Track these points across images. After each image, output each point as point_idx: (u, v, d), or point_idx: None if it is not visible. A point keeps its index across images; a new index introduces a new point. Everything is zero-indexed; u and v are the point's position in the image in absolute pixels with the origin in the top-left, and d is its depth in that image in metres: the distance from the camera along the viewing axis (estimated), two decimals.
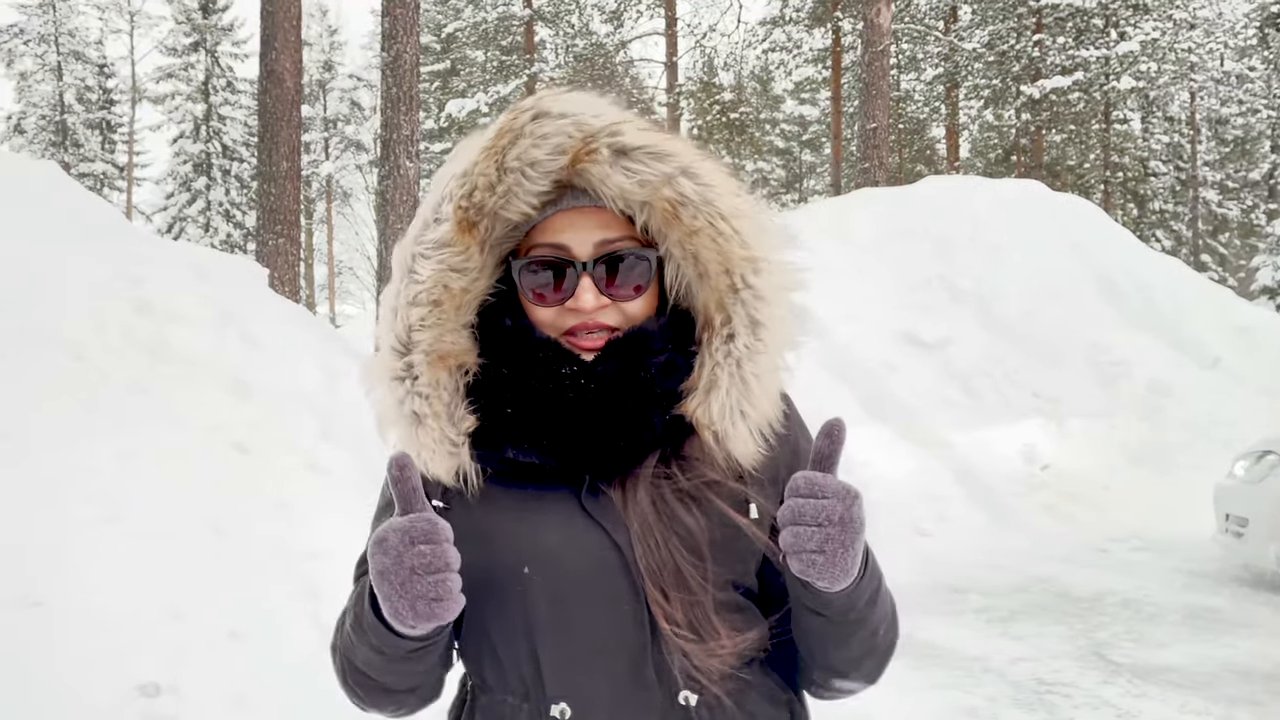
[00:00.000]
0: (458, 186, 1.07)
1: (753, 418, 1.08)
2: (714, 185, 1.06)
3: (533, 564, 1.07)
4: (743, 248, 1.06)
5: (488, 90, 25.06)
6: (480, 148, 1.07)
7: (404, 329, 1.08)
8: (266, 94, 8.16)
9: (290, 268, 8.11)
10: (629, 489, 1.08)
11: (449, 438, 1.07)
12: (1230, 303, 11.51)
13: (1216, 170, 32.45)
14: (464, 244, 1.06)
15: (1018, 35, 24.46)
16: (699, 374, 1.08)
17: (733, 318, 1.07)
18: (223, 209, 37.39)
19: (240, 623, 4.24)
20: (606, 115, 1.06)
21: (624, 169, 1.04)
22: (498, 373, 1.09)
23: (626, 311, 1.09)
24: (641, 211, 1.06)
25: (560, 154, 1.03)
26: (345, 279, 48.35)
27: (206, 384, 5.52)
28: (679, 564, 1.05)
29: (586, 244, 1.07)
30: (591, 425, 1.06)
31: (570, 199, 1.06)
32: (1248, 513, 5.87)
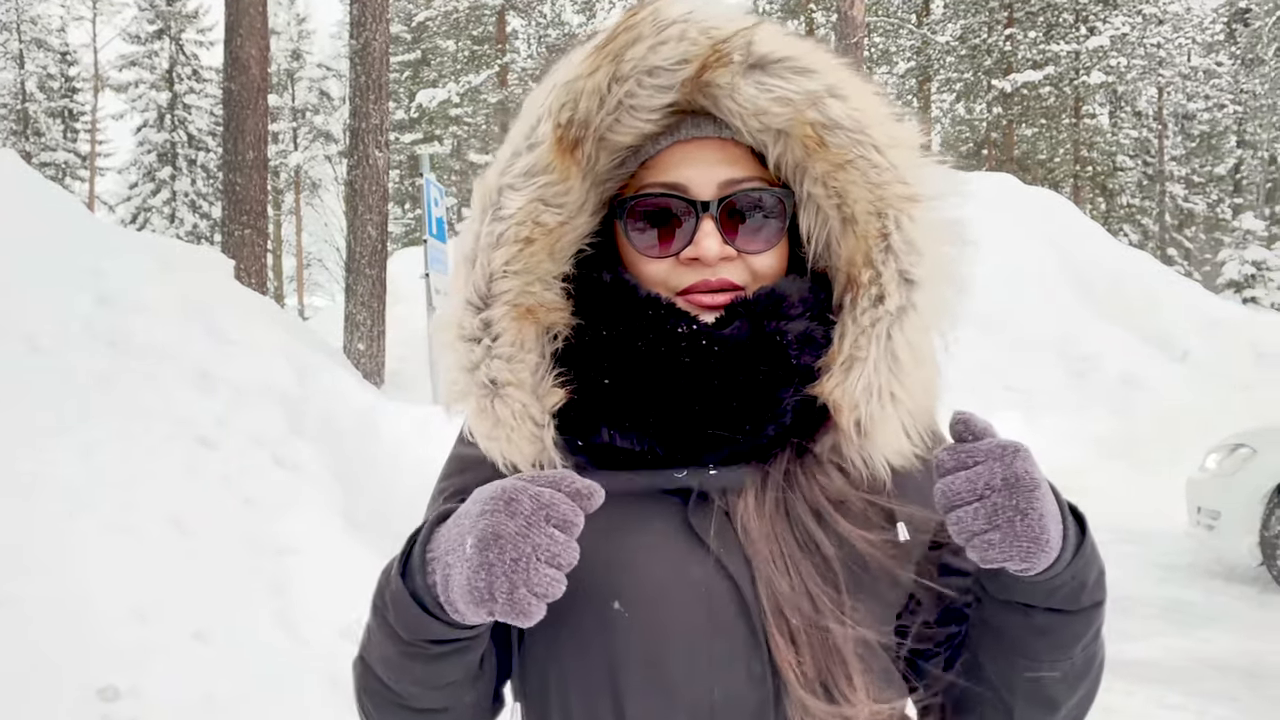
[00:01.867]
0: (559, 97, 0.85)
1: (904, 403, 0.86)
2: (865, 109, 0.85)
3: (625, 598, 0.85)
4: (901, 184, 0.85)
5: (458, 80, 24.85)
6: (589, 49, 0.86)
7: (483, 278, 0.87)
8: (232, 81, 7.99)
9: (257, 259, 7.96)
10: (748, 499, 0.86)
11: (531, 415, 0.86)
12: (1199, 296, 11.62)
13: (1183, 165, 32.81)
14: (563, 168, 0.85)
15: (989, 29, 24.60)
16: (839, 346, 0.87)
17: (882, 273, 0.85)
18: (188, 199, 36.88)
19: (205, 622, 4.13)
20: (739, 19, 0.85)
21: (759, 84, 0.84)
22: (595, 336, 0.87)
23: (754, 267, 0.89)
24: (775, 144, 0.86)
25: (684, 61, 0.83)
26: (314, 270, 47.91)
27: (171, 377, 5.40)
28: (813, 600, 0.83)
29: (709, 182, 0.87)
30: (710, 401, 0.84)
31: (690, 127, 0.87)
32: (1220, 506, 5.89)
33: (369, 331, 6.99)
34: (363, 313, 6.96)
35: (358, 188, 6.97)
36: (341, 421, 5.66)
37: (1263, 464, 5.72)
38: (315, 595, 4.55)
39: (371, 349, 7.00)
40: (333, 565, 4.80)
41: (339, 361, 6.81)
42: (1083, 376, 9.63)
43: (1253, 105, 29.49)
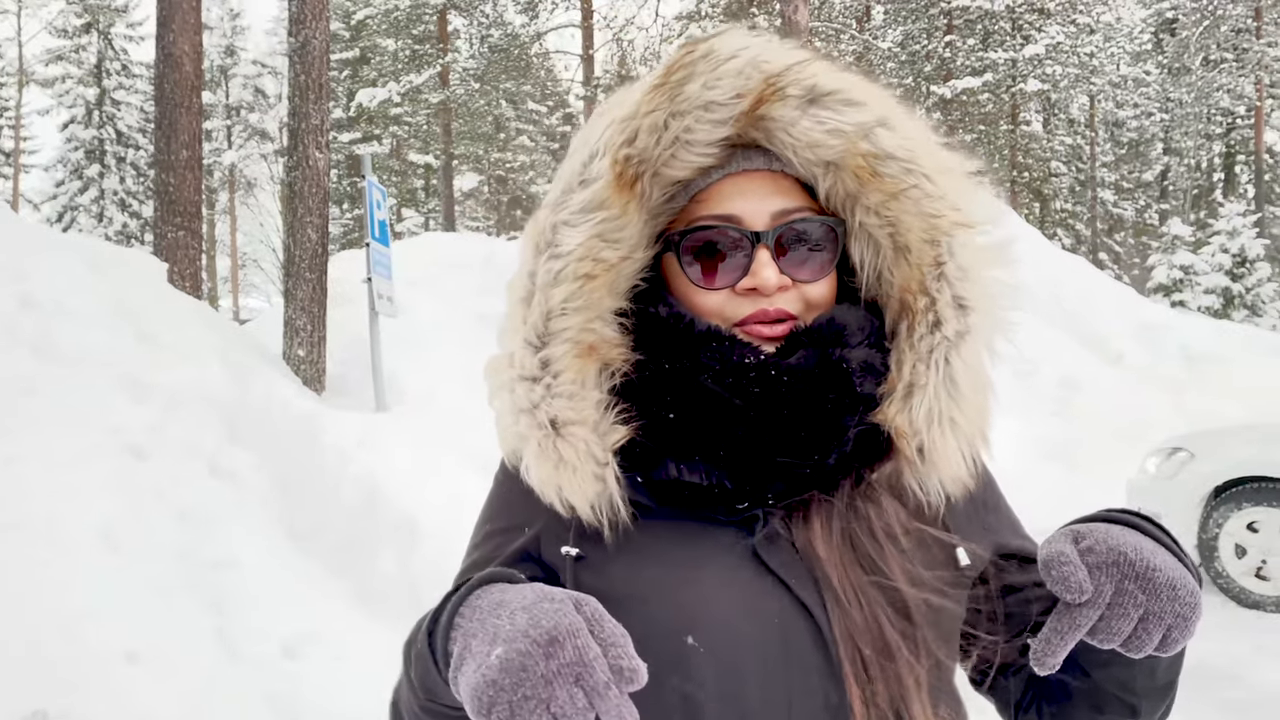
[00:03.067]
0: (618, 132, 0.86)
1: (963, 428, 0.87)
2: (915, 138, 0.87)
3: (698, 632, 0.83)
4: (953, 210, 0.87)
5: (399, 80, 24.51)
6: (646, 87, 0.87)
7: (541, 317, 0.86)
8: (164, 79, 7.74)
9: (191, 261, 7.72)
10: (814, 529, 0.86)
11: (594, 455, 0.85)
12: (1132, 300, 11.88)
13: (1112, 171, 33.66)
14: (621, 204, 0.86)
15: (929, 36, 24.96)
16: (898, 373, 0.88)
17: (937, 300, 0.86)
18: (117, 198, 35.92)
19: (138, 642, 3.97)
20: (790, 54, 0.87)
21: (814, 116, 0.85)
22: (656, 371, 0.87)
23: (808, 296, 0.89)
24: (826, 176, 0.88)
25: (739, 96, 0.85)
26: (249, 271, 47.05)
27: (100, 385, 5.19)
28: (884, 630, 0.83)
29: (763, 213, 0.88)
30: (778, 433, 0.84)
31: (742, 160, 0.88)
32: (1159, 508, 5.98)
33: (309, 337, 6.81)
34: (302, 318, 6.78)
35: (297, 189, 6.79)
36: (281, 430, 5.50)
37: (1200, 468, 5.84)
38: (255, 611, 4.40)
39: (312, 355, 6.83)
40: (273, 579, 4.65)
41: (277, 368, 6.63)
42: (1024, 379, 9.78)
43: (1179, 113, 30.35)
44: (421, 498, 5.21)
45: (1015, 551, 0.98)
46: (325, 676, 4.25)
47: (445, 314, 8.34)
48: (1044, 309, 10.69)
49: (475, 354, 5.22)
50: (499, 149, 32.43)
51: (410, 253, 9.42)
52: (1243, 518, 5.64)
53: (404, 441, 5.81)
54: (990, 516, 0.98)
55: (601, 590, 0.83)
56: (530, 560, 0.93)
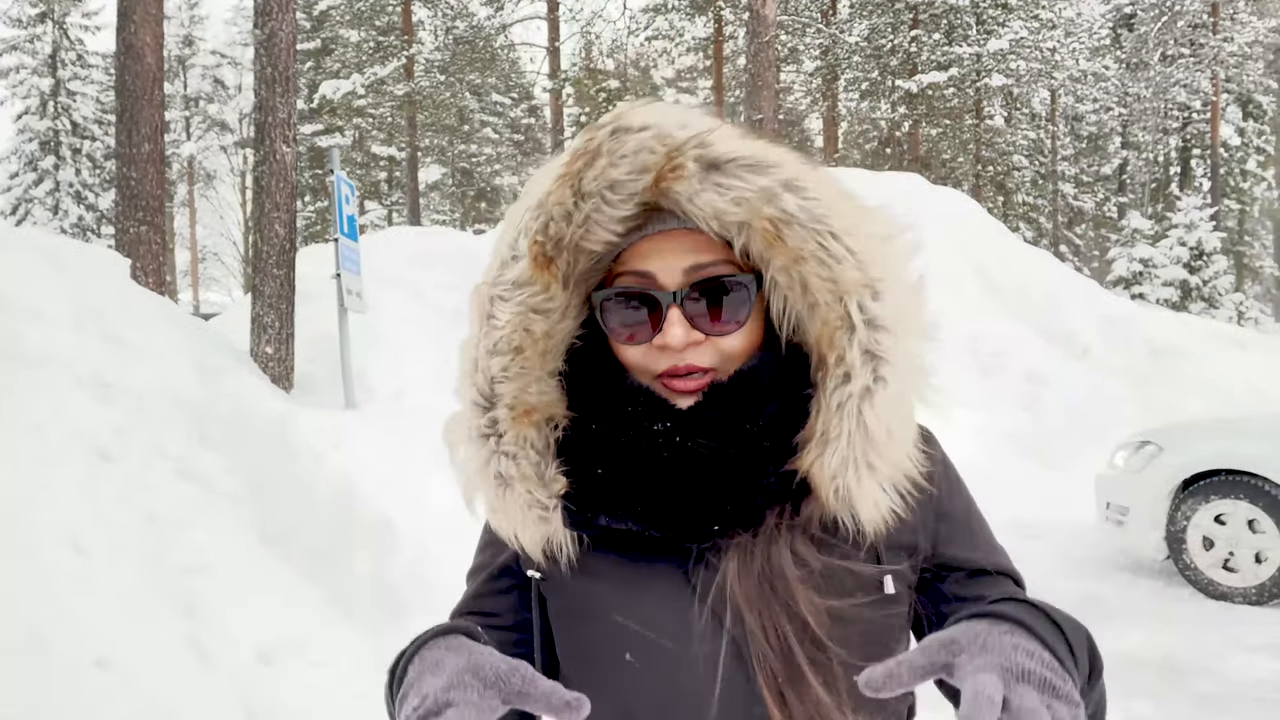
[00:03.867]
0: (532, 218, 0.93)
1: (882, 470, 0.91)
2: (822, 198, 0.89)
3: (634, 650, 0.94)
4: (858, 269, 0.89)
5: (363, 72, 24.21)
6: (555, 175, 0.93)
7: (485, 381, 0.95)
8: (125, 71, 7.58)
9: (154, 258, 7.58)
10: (742, 561, 0.92)
11: (539, 501, 0.95)
12: (1096, 294, 12.02)
13: (1072, 164, 34.05)
14: (543, 281, 0.93)
15: (894, 30, 25.08)
16: (814, 422, 0.91)
17: (846, 354, 0.89)
18: (73, 190, 35.23)
19: (107, 649, 3.88)
20: (694, 125, 0.90)
21: (715, 185, 0.88)
22: (588, 427, 0.96)
23: (722, 349, 0.94)
24: (740, 234, 0.90)
25: (642, 172, 0.89)
26: (209, 265, 46.42)
27: (65, 386, 5.07)
28: (797, 656, 0.89)
29: (675, 270, 0.93)
30: (693, 486, 0.91)
31: (657, 222, 0.92)
32: (1128, 502, 6.06)
33: (277, 334, 6.71)
34: (270, 314, 6.67)
35: (264, 184, 6.67)
36: (251, 430, 5.41)
37: (1168, 461, 5.91)
38: (228, 616, 4.32)
39: (280, 352, 6.73)
40: (246, 583, 4.58)
41: (246, 366, 6.52)
42: (991, 374, 9.86)
43: (1137, 108, 30.77)
44: (395, 498, 5.16)
45: (963, 563, 1.01)
46: (301, 682, 4.19)
47: (414, 310, 8.26)
48: (1010, 304, 10.78)
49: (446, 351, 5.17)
50: (463, 141, 32.20)
51: (378, 248, 9.32)
52: (1210, 510, 5.72)
53: (376, 441, 5.74)
54: (945, 526, 1.01)
55: (562, 606, 0.99)
56: (510, 573, 1.06)
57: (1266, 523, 5.53)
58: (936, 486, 1.01)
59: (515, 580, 1.05)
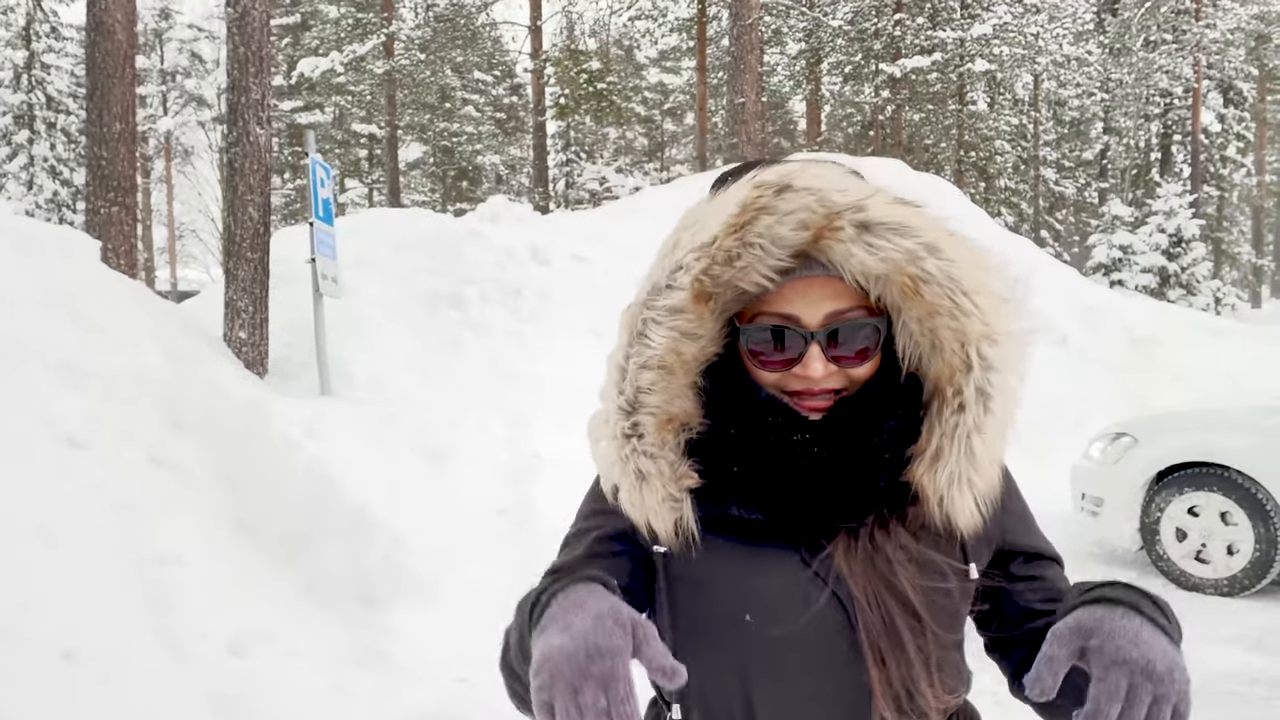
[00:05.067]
0: (695, 260, 1.06)
1: (979, 487, 1.07)
2: (957, 260, 1.04)
3: (754, 612, 1.08)
4: (983, 324, 1.05)
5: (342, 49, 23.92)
6: (723, 223, 1.05)
7: (633, 391, 1.10)
8: (96, 48, 7.42)
9: (126, 239, 7.45)
10: (850, 545, 1.08)
11: (671, 494, 1.09)
12: (1075, 282, 12.04)
13: (1054, 149, 34.09)
14: (698, 311, 1.07)
15: (878, 13, 24.97)
16: (926, 440, 1.07)
17: (964, 390, 1.06)
18: (48, 165, 34.69)
19: (76, 641, 3.83)
20: (853, 191, 1.04)
21: (866, 245, 1.02)
22: (723, 433, 1.10)
23: (852, 375, 1.09)
24: (876, 284, 1.05)
25: (803, 229, 1.02)
26: (187, 242, 45.95)
27: (33, 372, 4.99)
28: (898, 628, 1.05)
29: (817, 314, 1.07)
30: (819, 486, 1.06)
31: (804, 269, 1.05)
32: (1103, 493, 6.09)
33: (251, 319, 6.62)
34: (244, 299, 6.58)
35: (237, 166, 6.56)
36: (224, 417, 5.35)
37: (1143, 453, 5.93)
38: (199, 607, 4.28)
39: (254, 337, 6.64)
40: (219, 574, 4.53)
41: (219, 351, 6.45)
42: None
43: (1119, 94, 30.81)
44: (371, 487, 5.11)
45: (1025, 549, 1.20)
46: (272, 673, 4.15)
47: (393, 294, 8.17)
48: None
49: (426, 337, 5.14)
50: (445, 119, 31.91)
51: (356, 230, 9.20)
52: (1184, 502, 5.75)
53: (352, 429, 5.69)
54: (1010, 520, 1.20)
55: (684, 576, 1.11)
56: (624, 540, 1.17)
57: (1238, 515, 5.57)
58: (1002, 493, 1.15)
59: (627, 548, 1.17)
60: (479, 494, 5.79)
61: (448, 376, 7.07)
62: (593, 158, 32.17)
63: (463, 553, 5.08)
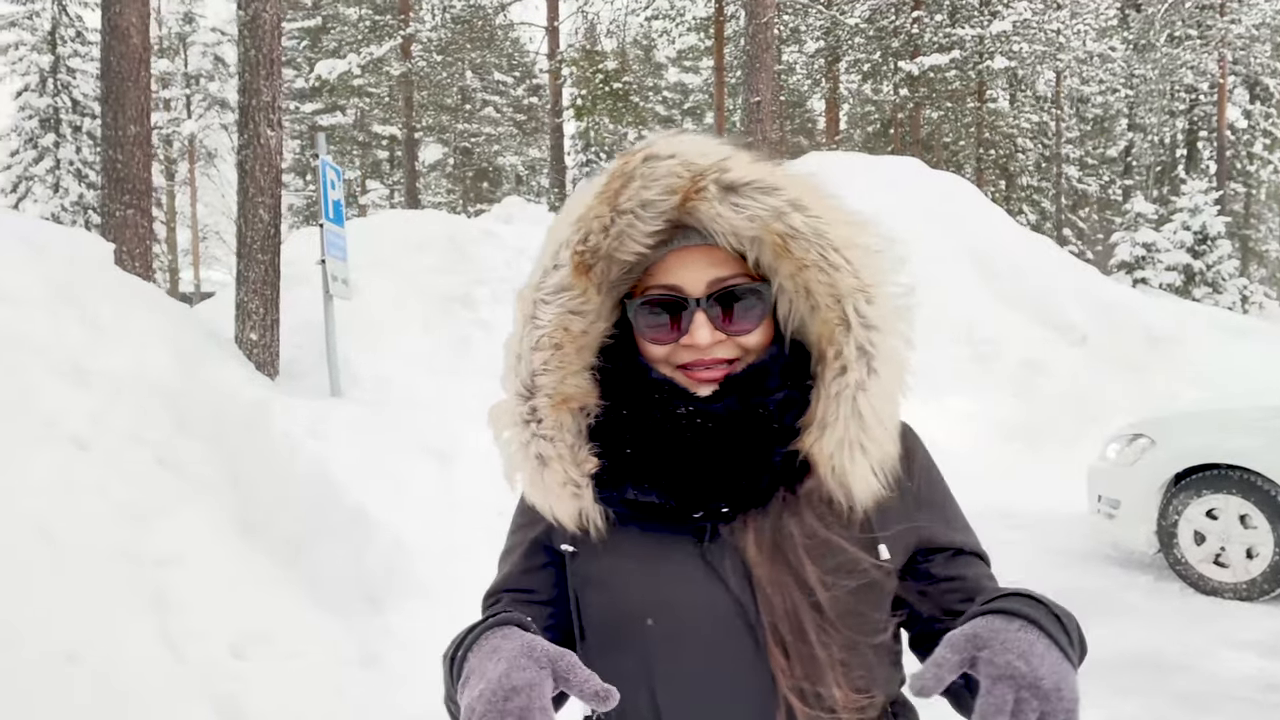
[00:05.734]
0: (573, 232, 1.09)
1: (872, 453, 1.06)
2: (823, 216, 1.05)
3: (655, 615, 1.08)
4: (854, 277, 1.05)
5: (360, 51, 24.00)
6: (593, 193, 1.09)
7: (528, 374, 1.11)
8: (110, 51, 7.48)
9: (140, 241, 7.49)
10: (749, 537, 1.07)
11: (572, 479, 1.10)
12: (1095, 281, 11.90)
13: (1077, 147, 33.76)
14: (582, 286, 1.09)
15: (897, 11, 24.80)
16: (814, 408, 1.07)
17: (844, 349, 1.06)
18: (73, 168, 35.08)
19: (78, 643, 3.84)
20: (714, 153, 1.07)
21: (733, 205, 1.04)
22: (618, 414, 1.11)
23: (743, 344, 1.10)
24: (752, 247, 1.07)
25: (670, 193, 1.05)
26: (211, 244, 46.29)
27: (40, 371, 5.01)
28: (801, 618, 1.04)
29: (699, 282, 1.09)
30: (710, 463, 1.06)
31: (682, 239, 1.08)
32: (1119, 495, 5.99)
33: (262, 320, 6.63)
34: (255, 300, 6.60)
35: (248, 169, 6.58)
36: (230, 417, 5.35)
37: (1160, 454, 5.83)
38: (202, 608, 4.27)
39: (265, 339, 6.65)
40: (222, 575, 4.52)
41: (228, 352, 6.46)
42: (985, 360, 9.77)
43: (1143, 90, 30.48)
44: (373, 487, 5.10)
45: (945, 545, 1.15)
46: (273, 674, 4.14)
47: (405, 296, 8.17)
48: (1006, 290, 10.67)
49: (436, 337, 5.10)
50: (464, 120, 31.98)
51: (369, 232, 9.22)
52: (1202, 505, 5.65)
53: (357, 429, 5.68)
54: (924, 513, 1.15)
55: (589, 576, 1.13)
56: (544, 550, 1.20)
57: (1258, 518, 5.46)
58: (918, 476, 1.16)
59: (549, 557, 1.20)
60: (482, 495, 5.76)
61: (456, 376, 7.06)
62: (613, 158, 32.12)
63: (464, 554, 5.06)
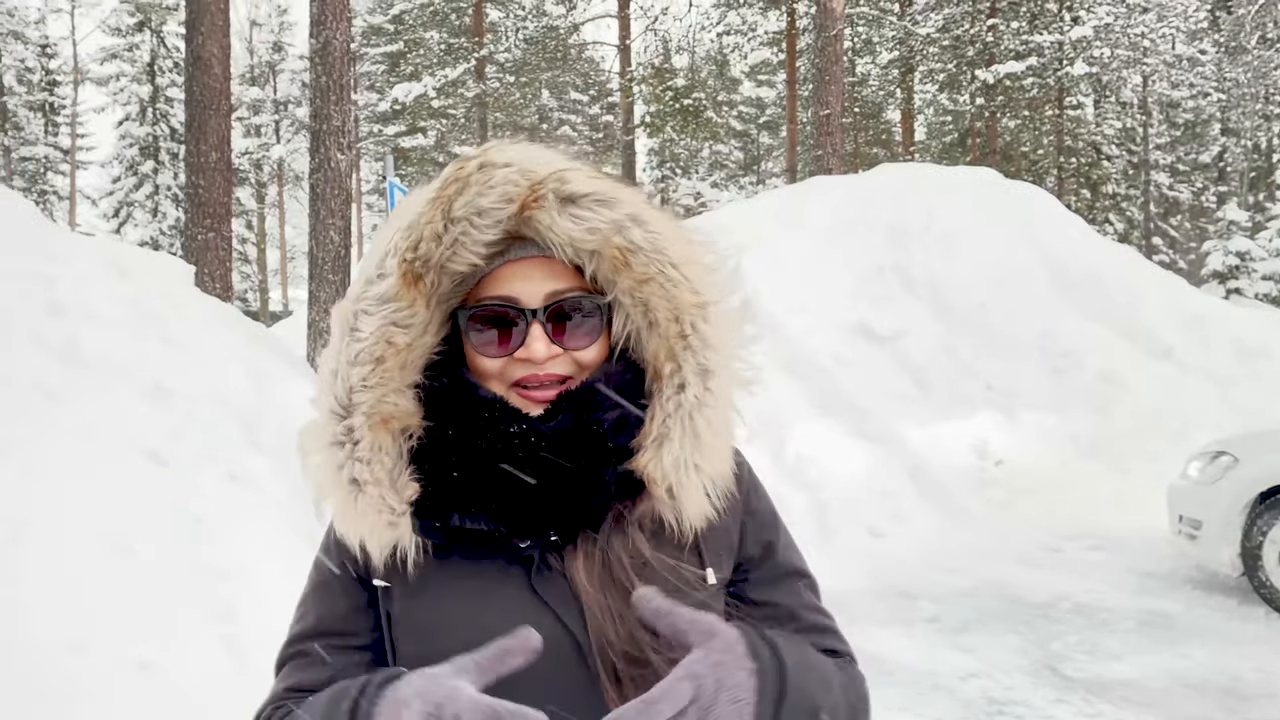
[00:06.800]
0: (403, 239, 1.02)
1: (706, 471, 1.03)
2: (662, 232, 1.03)
3: None
4: (693, 294, 1.03)
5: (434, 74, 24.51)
6: (425, 199, 1.03)
7: (344, 390, 1.02)
8: (194, 81, 7.79)
9: (221, 263, 7.77)
10: (579, 563, 1.02)
11: (389, 505, 1.01)
12: (1181, 291, 11.50)
13: (1167, 153, 32.73)
14: (409, 298, 1.02)
15: (972, 20, 24.40)
16: (650, 427, 1.04)
17: (682, 366, 1.03)
18: (170, 193, 36.51)
19: (149, 653, 3.97)
20: (553, 163, 1.03)
21: (572, 216, 1.00)
22: (442, 435, 1.03)
23: (579, 360, 1.05)
24: (590, 261, 1.02)
25: (508, 201, 1.00)
26: (299, 263, 47.65)
27: (123, 390, 5.22)
28: (636, 643, 0.98)
29: (536, 294, 1.03)
30: (543, 484, 1.00)
31: (518, 250, 1.03)
32: (1201, 515, 5.78)
33: None
34: (326, 320, 6.78)
35: (319, 191, 6.77)
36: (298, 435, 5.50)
37: (1244, 473, 5.61)
38: (266, 620, 4.38)
39: None
40: (286, 588, 4.63)
41: (300, 371, 6.64)
42: (1062, 374, 9.50)
43: (1236, 93, 29.42)
44: None
45: (767, 563, 1.14)
46: None
47: None
48: (1083, 302, 10.38)
49: None
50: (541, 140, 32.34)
51: None
52: None
53: None
54: (752, 526, 1.13)
55: (406, 618, 1.04)
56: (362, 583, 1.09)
57: None
58: (745, 489, 1.13)
59: (369, 595, 1.09)
60: None
61: None
62: (688, 173, 32.23)
63: None
